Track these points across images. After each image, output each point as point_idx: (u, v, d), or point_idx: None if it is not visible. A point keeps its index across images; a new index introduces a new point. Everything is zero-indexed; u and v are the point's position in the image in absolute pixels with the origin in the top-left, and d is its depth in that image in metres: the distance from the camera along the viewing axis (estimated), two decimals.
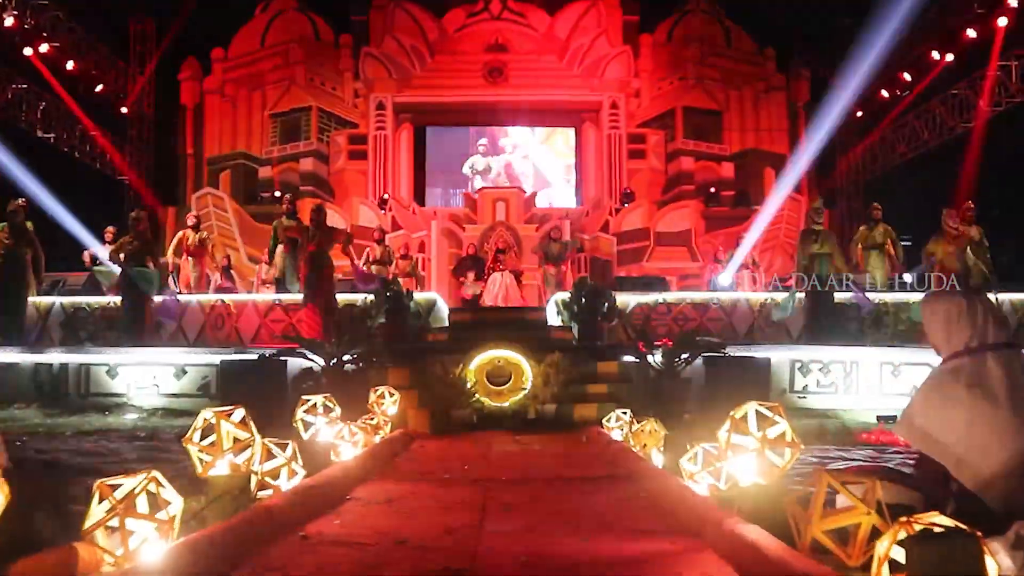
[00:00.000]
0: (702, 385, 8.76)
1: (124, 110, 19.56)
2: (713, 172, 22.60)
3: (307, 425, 4.94)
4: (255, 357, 8.70)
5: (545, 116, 22.92)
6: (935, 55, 18.01)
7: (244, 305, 11.00)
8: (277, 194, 20.78)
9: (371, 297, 10.56)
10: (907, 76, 19.14)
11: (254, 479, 3.41)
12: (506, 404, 7.77)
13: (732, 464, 2.80)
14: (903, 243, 13.82)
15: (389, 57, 22.39)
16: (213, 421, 2.87)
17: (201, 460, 2.81)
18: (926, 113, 18.77)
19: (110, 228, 13.45)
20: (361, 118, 22.47)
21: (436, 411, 7.53)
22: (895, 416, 9.12)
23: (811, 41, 22.94)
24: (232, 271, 16.95)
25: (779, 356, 9.44)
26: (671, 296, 11.28)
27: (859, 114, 21.21)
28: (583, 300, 10.42)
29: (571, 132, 23.67)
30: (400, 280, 13.98)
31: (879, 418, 8.93)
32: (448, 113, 22.59)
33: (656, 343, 9.00)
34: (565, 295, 11.01)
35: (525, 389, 7.80)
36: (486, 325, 9.98)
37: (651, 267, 19.96)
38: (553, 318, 10.86)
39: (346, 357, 8.86)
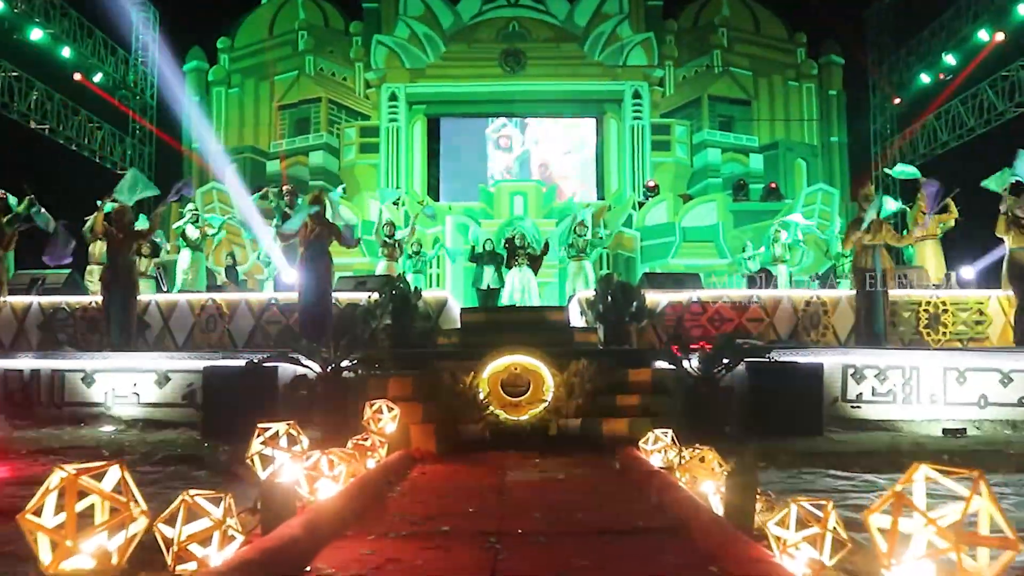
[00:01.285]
0: (745, 394, 7.75)
1: (124, 101, 18.70)
2: (741, 164, 21.70)
3: (267, 461, 3.94)
4: (242, 364, 7.74)
5: (564, 106, 21.99)
6: (983, 34, 16.80)
7: (237, 305, 10.06)
8: (286, 188, 19.95)
9: (375, 296, 9.59)
10: (951, 59, 17.93)
11: (171, 550, 2.44)
12: (524, 418, 6.77)
13: (899, 570, 1.78)
14: None
15: (402, 46, 21.63)
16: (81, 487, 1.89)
17: (52, 545, 1.85)
18: (972, 98, 17.55)
19: None
20: (373, 109, 21.71)
21: (443, 427, 6.55)
22: (964, 429, 8.10)
23: (845, 24, 21.83)
24: (238, 268, 16.12)
25: (829, 361, 8.37)
26: (706, 294, 10.23)
27: (897, 101, 20.03)
28: (609, 299, 9.43)
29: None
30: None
31: (946, 432, 7.90)
32: (463, 104, 21.70)
33: (692, 346, 7.99)
34: (589, 293, 10.01)
35: (546, 401, 6.80)
36: (502, 327, 8.98)
37: (677, 263, 19.06)
38: (576, 319, 9.86)
39: (344, 363, 7.93)
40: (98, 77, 17.67)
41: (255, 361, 7.79)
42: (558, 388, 6.82)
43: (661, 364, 7.97)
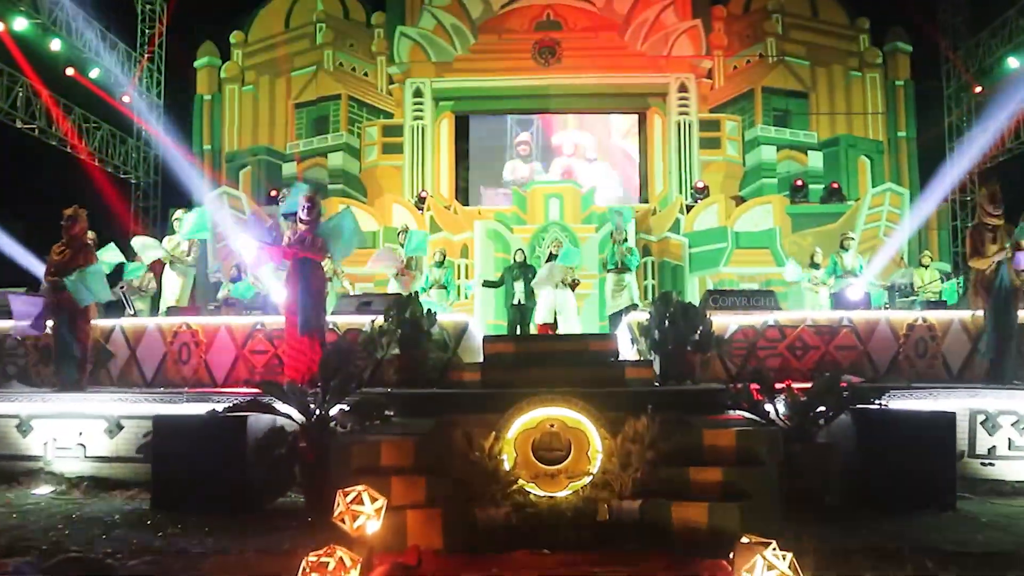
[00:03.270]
0: (851, 453, 5.91)
1: (125, 99, 17.20)
2: (799, 163, 19.86)
3: None
4: (203, 413, 6.07)
5: (604, 101, 20.23)
6: None
7: (215, 331, 8.38)
8: (284, 192, 18.45)
9: (380, 320, 7.88)
10: None
11: None
12: (563, 494, 5.00)
13: None
14: None
15: (427, 38, 20.16)
16: None
17: None
18: None
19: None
20: (396, 107, 20.20)
21: (453, 510, 4.81)
22: None
23: (913, 7, 19.76)
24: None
25: (952, 406, 6.50)
26: (785, 316, 8.34)
27: (978, 89, 17.95)
28: (668, 323, 7.62)
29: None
30: (429, 294, 11.40)
31: None
32: (494, 99, 20.05)
33: (776, 387, 6.18)
34: (642, 316, 8.20)
35: (591, 473, 5.01)
36: (533, 361, 7.21)
37: (729, 272, 17.22)
38: (626, 348, 8.06)
39: (335, 410, 6.25)
40: (95, 73, 16.17)
41: (217, 410, 6.12)
42: (609, 455, 5.03)
43: (738, 411, 6.18)
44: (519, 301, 11.58)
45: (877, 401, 6.06)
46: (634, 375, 7.04)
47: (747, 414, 6.08)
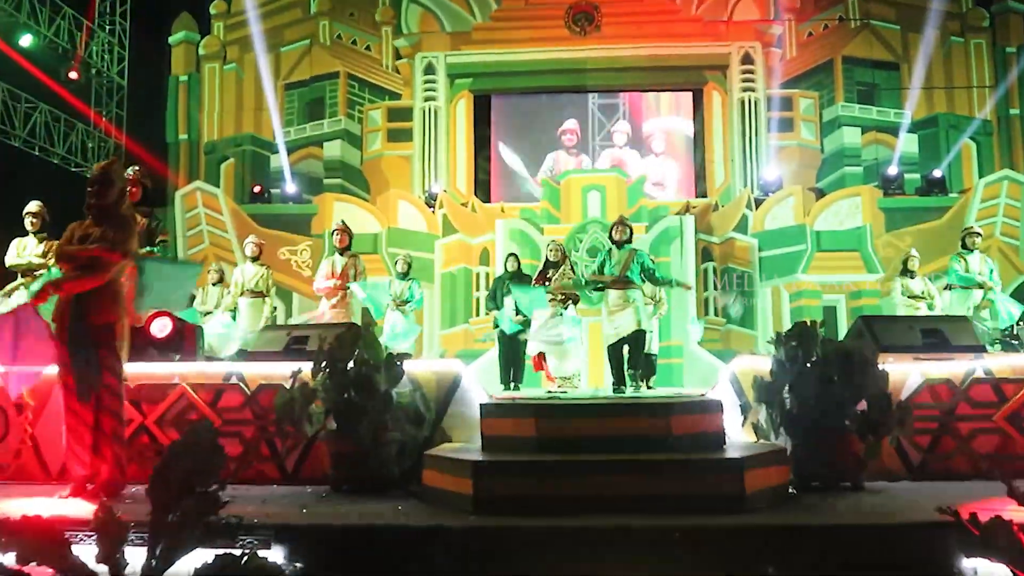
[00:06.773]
0: None
1: (72, 75, 14.29)
2: (889, 147, 17.00)
3: None
4: None
5: (652, 76, 17.31)
6: None
7: (49, 390, 5.12)
8: (291, 190, 15.74)
9: (304, 370, 4.66)
10: None
11: None
12: None
13: None
14: None
15: (441, 4, 17.64)
16: None
17: None
18: None
19: None
20: (404, 86, 17.57)
21: None
22: None
23: None
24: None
25: None
26: (1001, 364, 4.90)
27: None
28: (812, 379, 4.29)
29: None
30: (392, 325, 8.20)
31: None
32: (520, 76, 17.26)
33: None
34: (758, 364, 4.82)
35: None
36: (568, 454, 3.90)
37: (809, 281, 14.55)
38: (734, 420, 4.67)
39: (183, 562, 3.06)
40: (27, 41, 13.24)
41: None
42: None
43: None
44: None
45: None
46: (759, 484, 3.72)
47: None
